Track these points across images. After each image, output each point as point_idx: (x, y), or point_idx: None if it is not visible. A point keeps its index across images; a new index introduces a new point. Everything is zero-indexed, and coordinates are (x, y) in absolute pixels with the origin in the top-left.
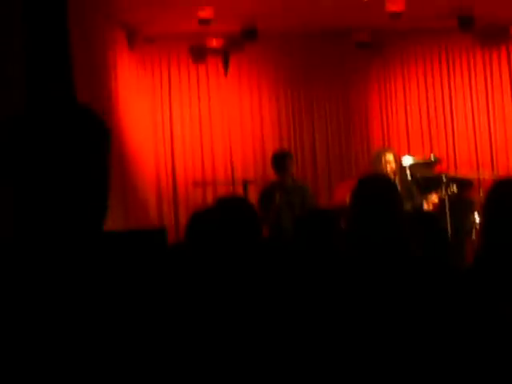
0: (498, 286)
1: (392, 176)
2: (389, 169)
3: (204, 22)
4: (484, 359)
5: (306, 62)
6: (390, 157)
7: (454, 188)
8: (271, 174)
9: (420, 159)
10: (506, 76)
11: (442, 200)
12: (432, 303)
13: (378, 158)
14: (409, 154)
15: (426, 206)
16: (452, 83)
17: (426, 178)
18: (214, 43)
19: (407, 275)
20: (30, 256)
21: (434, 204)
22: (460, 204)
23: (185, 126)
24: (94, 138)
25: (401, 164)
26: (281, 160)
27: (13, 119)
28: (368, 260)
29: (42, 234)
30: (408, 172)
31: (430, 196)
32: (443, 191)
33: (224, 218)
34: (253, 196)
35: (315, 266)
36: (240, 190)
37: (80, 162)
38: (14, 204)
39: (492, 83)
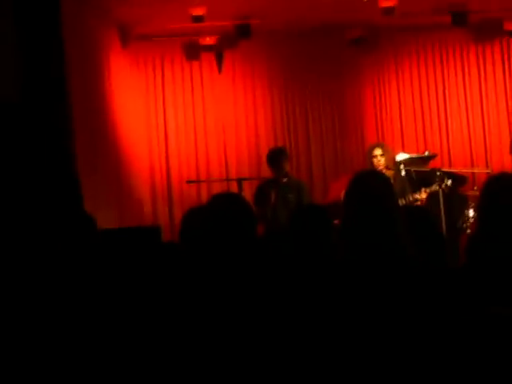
0: (492, 285)
1: (384, 171)
2: (375, 164)
3: (197, 19)
4: (478, 362)
5: (300, 59)
6: (376, 151)
7: (449, 183)
8: (266, 171)
9: (414, 154)
10: (499, 70)
11: (435, 195)
12: (425, 303)
13: (368, 154)
14: (403, 151)
15: (418, 202)
16: (446, 79)
17: (420, 172)
18: (208, 40)
19: (401, 272)
20: (29, 253)
21: (422, 200)
22: (454, 199)
23: (179, 123)
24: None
25: (394, 159)
26: (276, 156)
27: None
28: (362, 257)
29: (38, 231)
30: (402, 167)
31: (419, 194)
32: (437, 186)
33: (218, 216)
34: (247, 193)
35: (310, 262)
36: (234, 188)
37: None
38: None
39: (486, 78)
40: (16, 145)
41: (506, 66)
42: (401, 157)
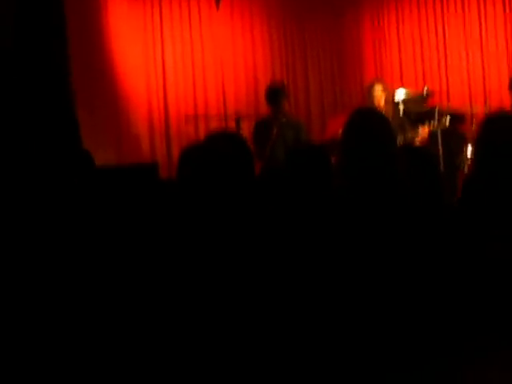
0: (487, 222)
1: (382, 108)
2: (375, 101)
3: None
4: (474, 295)
5: None
6: (376, 89)
7: (447, 121)
8: (264, 109)
9: (413, 92)
10: (499, 10)
11: (433, 133)
12: (423, 238)
13: (367, 91)
14: (402, 86)
15: (416, 140)
16: (445, 17)
17: (419, 112)
18: None
19: (399, 209)
20: (28, 190)
21: (424, 137)
22: (452, 137)
23: (177, 60)
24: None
25: (393, 98)
26: (275, 95)
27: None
28: (360, 194)
29: (32, 167)
30: (401, 107)
31: (420, 129)
32: (435, 124)
33: (215, 154)
34: (245, 131)
35: (308, 199)
36: (232, 125)
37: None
38: None
39: (486, 17)
40: (12, 84)
41: (507, 6)
42: (400, 93)
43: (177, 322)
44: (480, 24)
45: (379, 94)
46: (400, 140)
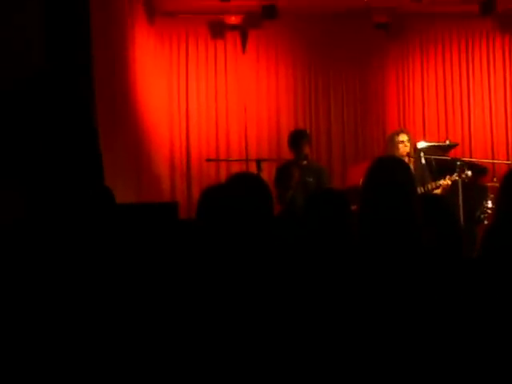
0: (507, 276)
1: (405, 157)
2: (401, 149)
3: None
4: (490, 351)
5: (324, 42)
6: (403, 137)
7: (468, 173)
8: (285, 152)
9: (435, 143)
10: None
11: (454, 184)
12: (440, 290)
13: (392, 140)
14: (424, 139)
15: (437, 191)
16: (470, 69)
17: (440, 161)
18: (233, 19)
19: (416, 260)
20: (47, 223)
21: (446, 188)
22: (473, 190)
23: (201, 101)
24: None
25: (416, 148)
26: (297, 139)
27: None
28: (379, 244)
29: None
30: (422, 155)
31: (441, 181)
32: (457, 176)
33: (235, 195)
34: (266, 174)
35: (326, 245)
36: (253, 168)
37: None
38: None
39: (510, 70)
40: (39, 118)
41: None
42: (421, 145)
43: (191, 360)
44: (504, 77)
45: (403, 144)
46: (420, 191)
